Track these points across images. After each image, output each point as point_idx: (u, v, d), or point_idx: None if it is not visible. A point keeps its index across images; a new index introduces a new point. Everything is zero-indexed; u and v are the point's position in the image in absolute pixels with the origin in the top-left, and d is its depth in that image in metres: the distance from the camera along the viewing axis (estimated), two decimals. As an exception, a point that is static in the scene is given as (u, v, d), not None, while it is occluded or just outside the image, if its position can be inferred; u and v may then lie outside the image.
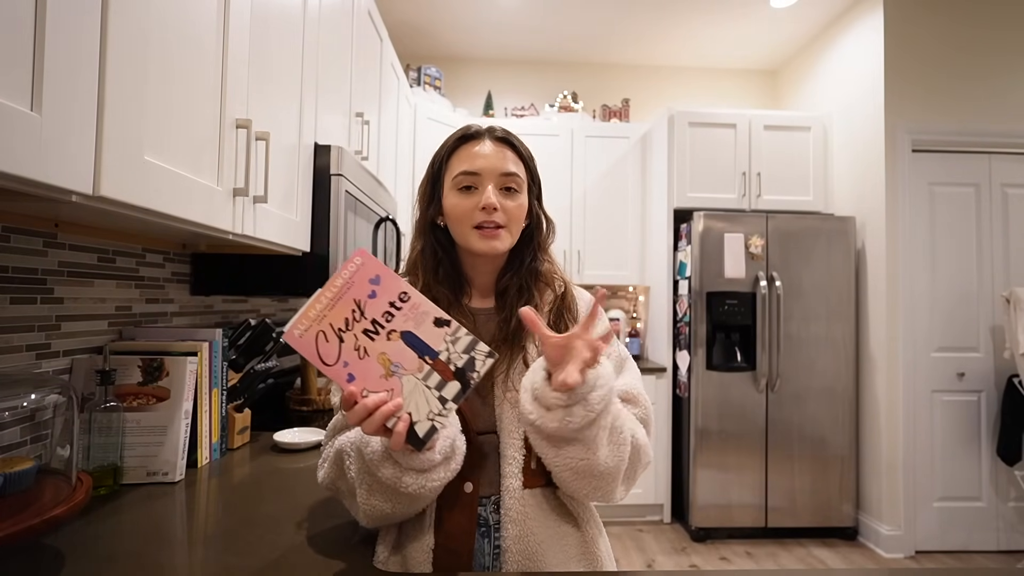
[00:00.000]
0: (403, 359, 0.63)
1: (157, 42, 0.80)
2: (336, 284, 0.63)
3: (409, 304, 0.64)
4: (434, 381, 0.63)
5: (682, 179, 3.05)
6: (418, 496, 0.67)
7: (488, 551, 0.75)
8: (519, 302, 0.80)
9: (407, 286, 0.64)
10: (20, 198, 0.69)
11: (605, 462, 0.69)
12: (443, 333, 0.64)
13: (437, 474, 0.67)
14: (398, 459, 0.65)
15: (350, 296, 0.63)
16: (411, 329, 0.63)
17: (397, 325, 0.63)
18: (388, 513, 0.69)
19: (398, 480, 0.65)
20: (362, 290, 0.63)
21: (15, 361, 0.94)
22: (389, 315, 0.63)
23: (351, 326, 0.62)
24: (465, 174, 0.79)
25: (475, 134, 0.82)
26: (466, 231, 0.79)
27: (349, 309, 0.62)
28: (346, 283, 0.63)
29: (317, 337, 0.61)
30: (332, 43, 1.65)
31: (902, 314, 2.70)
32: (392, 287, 0.63)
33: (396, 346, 0.63)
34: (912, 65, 2.75)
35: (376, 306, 0.63)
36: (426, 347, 0.63)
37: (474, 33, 3.39)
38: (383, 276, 0.63)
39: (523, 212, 0.81)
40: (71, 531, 0.81)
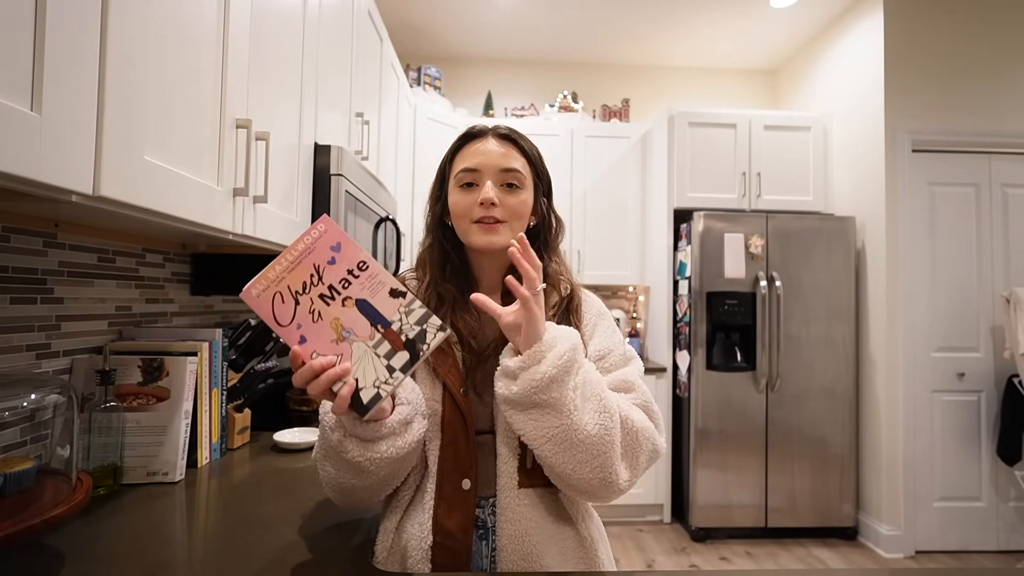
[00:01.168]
0: (355, 326, 0.64)
1: (157, 42, 0.80)
2: (298, 248, 0.64)
3: (367, 273, 0.65)
4: (384, 350, 0.64)
5: (682, 179, 3.05)
6: (360, 467, 0.67)
7: (486, 553, 0.75)
8: None
9: (367, 256, 0.65)
10: (20, 198, 0.69)
11: (586, 428, 0.66)
12: (398, 304, 0.65)
13: (380, 447, 0.66)
14: (344, 424, 0.66)
15: (310, 261, 0.64)
16: (366, 297, 0.64)
17: (353, 292, 0.64)
18: (338, 481, 0.70)
19: (341, 445, 0.66)
20: (322, 256, 0.64)
21: (15, 361, 0.94)
22: (346, 282, 0.64)
23: (308, 289, 0.63)
24: (466, 171, 0.79)
25: (479, 132, 0.83)
26: (466, 226, 0.79)
27: (308, 273, 0.63)
28: (307, 248, 0.64)
29: (274, 298, 0.63)
30: (332, 43, 1.65)
31: (902, 314, 2.70)
32: (351, 255, 0.65)
33: (350, 313, 0.64)
34: (912, 65, 2.75)
35: (334, 272, 0.64)
36: (379, 316, 0.64)
37: (474, 33, 3.39)
38: (344, 244, 0.65)
39: (525, 208, 0.81)
40: (71, 531, 0.81)
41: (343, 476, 0.70)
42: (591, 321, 0.84)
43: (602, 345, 0.81)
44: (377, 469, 0.68)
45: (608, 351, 0.80)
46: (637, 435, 0.72)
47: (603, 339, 0.82)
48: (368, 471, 0.68)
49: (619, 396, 0.75)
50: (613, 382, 0.77)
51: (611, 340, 0.82)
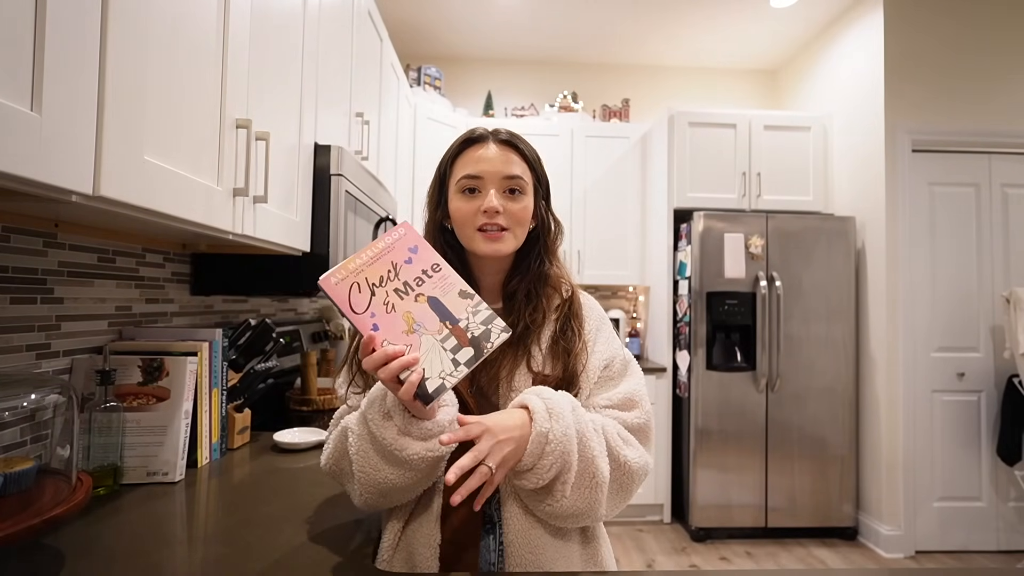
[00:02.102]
0: (426, 320, 0.67)
1: (157, 42, 0.79)
2: (378, 247, 0.69)
3: (440, 275, 0.70)
4: (450, 344, 0.67)
5: (682, 179, 3.05)
6: (411, 464, 0.67)
7: (494, 547, 0.76)
8: (527, 307, 0.81)
9: (441, 260, 0.71)
10: (20, 198, 0.69)
11: (573, 505, 0.71)
12: (466, 304, 0.69)
13: (433, 444, 0.67)
14: (398, 422, 0.66)
15: (388, 258, 0.69)
16: (438, 296, 0.69)
17: (426, 290, 0.69)
18: (383, 483, 0.69)
19: (395, 441, 0.66)
20: (400, 255, 0.69)
21: (15, 361, 0.94)
22: (420, 280, 0.69)
23: (384, 283, 0.67)
24: (468, 178, 0.80)
25: (479, 137, 0.82)
26: (470, 234, 0.80)
27: (385, 269, 0.68)
28: (388, 246, 0.69)
29: (351, 287, 0.66)
30: (332, 43, 1.65)
31: (902, 314, 2.70)
32: (427, 258, 0.70)
33: (422, 308, 0.68)
34: (912, 65, 2.75)
35: (410, 271, 0.69)
36: (448, 313, 0.68)
37: (474, 33, 3.39)
38: (421, 247, 0.70)
39: (527, 214, 0.82)
40: (71, 531, 0.81)
41: (385, 475, 0.69)
42: (593, 327, 0.85)
43: (606, 354, 0.83)
44: (426, 466, 0.69)
45: (611, 359, 0.83)
46: (632, 477, 0.76)
47: (605, 347, 0.84)
48: (417, 468, 0.68)
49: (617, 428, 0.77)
50: (619, 399, 0.80)
51: (613, 347, 0.85)
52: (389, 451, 0.67)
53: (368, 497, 0.73)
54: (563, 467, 0.69)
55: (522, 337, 0.80)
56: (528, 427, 0.68)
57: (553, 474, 0.68)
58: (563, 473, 0.69)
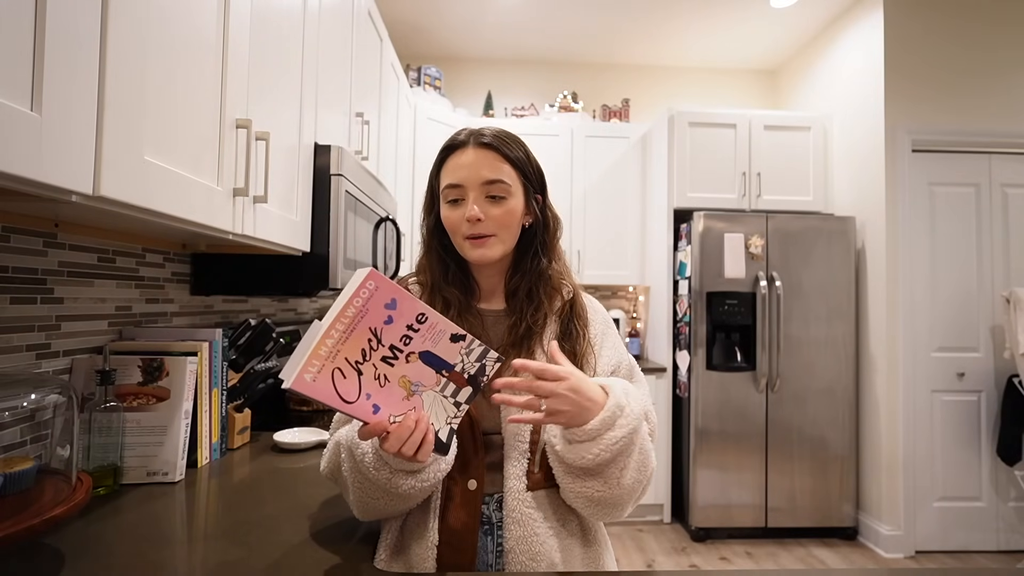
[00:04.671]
0: (422, 377, 0.63)
1: (157, 42, 0.79)
2: (348, 315, 0.57)
3: (427, 325, 0.62)
4: (450, 390, 0.65)
5: (682, 179, 3.04)
6: (409, 496, 0.70)
7: (491, 548, 0.76)
8: (528, 307, 0.81)
9: (423, 306, 0.62)
10: (20, 198, 0.69)
11: (622, 495, 0.71)
12: (459, 347, 0.64)
13: (428, 474, 0.69)
14: (389, 462, 0.67)
15: (365, 325, 0.58)
16: (429, 348, 0.63)
17: (415, 347, 0.62)
18: (382, 509, 0.72)
19: (389, 481, 0.67)
20: (377, 317, 0.59)
21: (15, 361, 0.94)
22: (407, 338, 0.61)
23: (368, 356, 0.59)
24: (450, 187, 0.80)
25: (459, 143, 0.81)
26: (459, 241, 0.81)
27: (365, 339, 0.58)
28: (359, 311, 0.58)
29: (333, 376, 0.56)
30: (332, 43, 1.65)
31: (902, 314, 2.70)
32: (409, 309, 0.61)
33: (415, 367, 0.62)
34: (912, 65, 2.75)
35: (393, 331, 0.60)
36: (443, 362, 0.64)
37: (474, 33, 3.39)
38: (399, 299, 0.60)
39: (512, 218, 0.80)
40: (71, 531, 0.81)
41: (391, 505, 0.71)
42: (599, 331, 0.85)
43: (613, 359, 0.84)
44: (425, 492, 0.71)
45: (618, 364, 0.84)
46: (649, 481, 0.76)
47: (612, 351, 0.84)
48: (416, 496, 0.71)
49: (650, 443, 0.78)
50: None
51: (619, 351, 0.85)
52: (385, 489, 0.68)
53: (367, 514, 0.75)
54: (627, 446, 0.68)
55: (525, 338, 0.79)
56: (603, 399, 0.68)
57: (617, 450, 0.67)
58: (625, 451, 0.68)
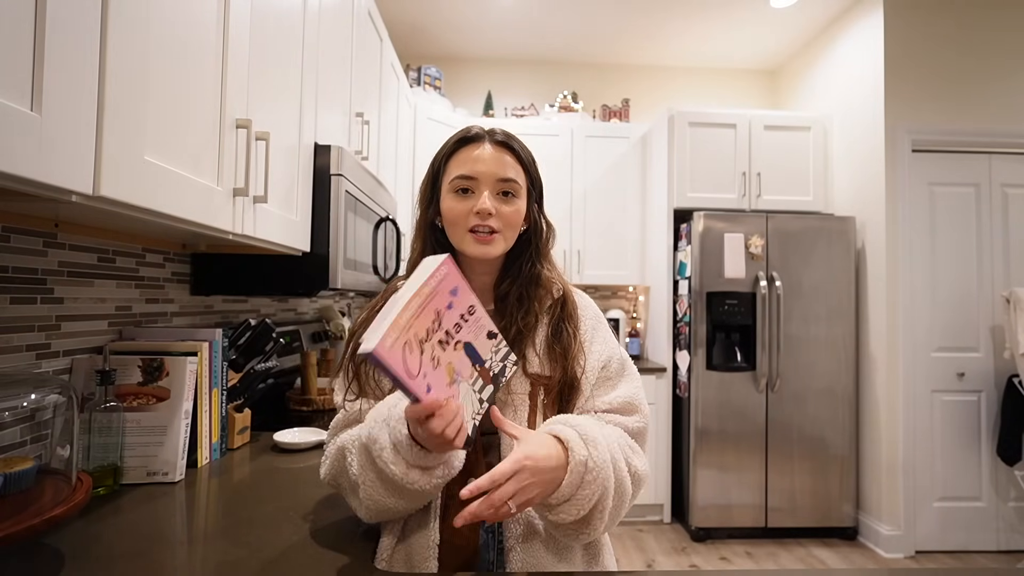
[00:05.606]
0: (462, 368, 0.64)
1: (157, 42, 0.80)
2: (424, 292, 0.59)
3: (474, 317, 0.66)
4: (478, 385, 0.66)
5: (682, 179, 3.04)
6: (422, 492, 0.69)
7: (492, 546, 0.76)
8: (518, 310, 0.80)
9: (475, 299, 0.66)
10: (20, 198, 0.69)
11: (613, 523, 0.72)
12: (491, 344, 0.68)
13: (441, 471, 0.69)
14: (406, 456, 0.66)
15: (433, 307, 0.60)
16: (471, 340, 0.65)
17: (462, 336, 0.64)
18: (391, 508, 0.71)
19: (405, 476, 0.66)
20: (443, 300, 0.62)
21: (15, 361, 0.94)
22: (458, 327, 0.63)
23: (430, 336, 0.60)
24: (462, 178, 0.79)
25: (475, 137, 0.81)
26: (461, 234, 0.79)
27: (431, 320, 0.60)
28: (432, 292, 0.60)
29: (404, 348, 0.57)
30: (332, 43, 1.65)
31: (902, 314, 2.70)
32: (465, 300, 0.64)
33: (459, 356, 0.64)
34: (912, 65, 2.75)
35: (450, 317, 0.63)
36: (478, 356, 0.66)
37: (474, 33, 3.39)
38: (460, 289, 0.64)
39: (519, 217, 0.81)
40: (71, 531, 0.81)
41: (401, 503, 0.70)
42: (589, 326, 0.85)
43: (603, 354, 0.83)
44: (436, 491, 0.70)
45: (608, 358, 0.83)
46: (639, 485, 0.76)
47: (602, 346, 0.84)
48: (429, 494, 0.70)
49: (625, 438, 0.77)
50: (619, 404, 0.80)
51: (609, 347, 0.84)
52: (398, 485, 0.67)
53: (373, 515, 0.74)
54: (602, 494, 0.67)
55: (516, 341, 0.79)
56: (563, 458, 0.66)
57: (592, 503, 0.67)
58: (602, 500, 0.67)
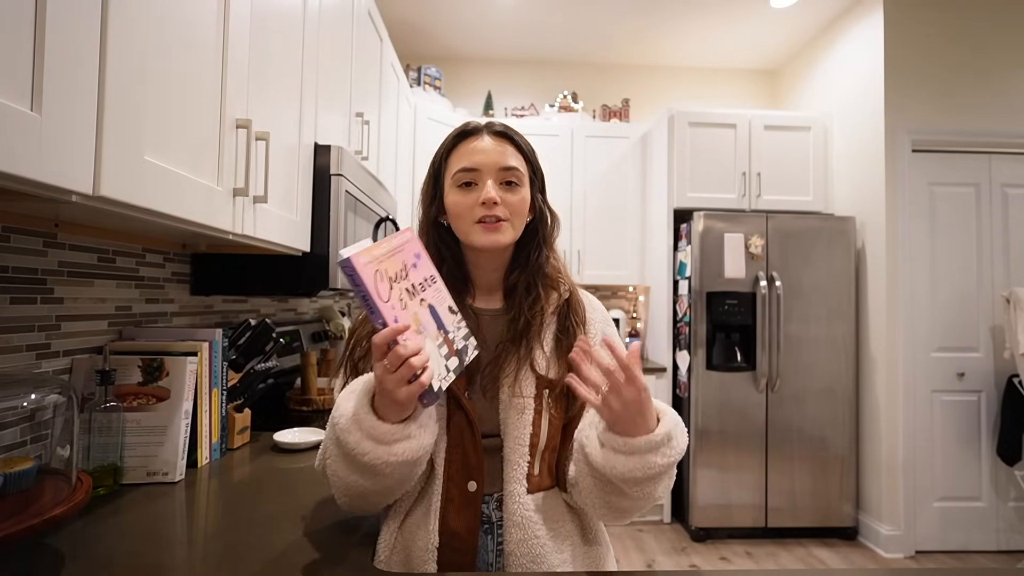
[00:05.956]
0: (428, 324, 0.69)
1: (157, 42, 0.79)
2: (392, 242, 0.68)
3: (435, 287, 0.73)
4: (444, 351, 0.70)
5: (682, 179, 3.04)
6: (375, 469, 0.65)
7: (491, 548, 0.75)
8: (527, 300, 0.80)
9: (436, 272, 0.74)
10: (20, 198, 0.69)
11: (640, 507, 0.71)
12: (453, 319, 0.74)
13: (396, 449, 0.65)
14: (364, 426, 0.64)
15: (400, 258, 0.68)
16: (435, 305, 0.71)
17: (427, 296, 0.71)
18: (348, 484, 0.68)
19: (359, 446, 0.64)
20: (408, 258, 0.70)
21: (15, 361, 0.94)
22: (423, 286, 0.71)
23: (398, 280, 0.67)
24: (464, 171, 0.79)
25: (473, 130, 0.82)
26: (468, 227, 0.79)
27: (399, 266, 0.68)
28: (399, 246, 0.69)
29: (376, 273, 0.64)
30: (332, 43, 1.65)
31: (902, 314, 2.70)
32: (425, 269, 0.72)
33: (424, 312, 0.69)
34: (912, 65, 2.75)
35: (416, 275, 0.70)
36: (442, 323, 0.71)
37: (474, 33, 3.39)
38: (423, 256, 0.72)
39: (525, 205, 0.81)
40: (71, 531, 0.81)
41: (355, 479, 0.67)
42: (599, 329, 0.85)
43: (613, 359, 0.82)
44: (392, 472, 0.66)
45: None
46: None
47: None
48: (383, 473, 0.66)
49: None
50: None
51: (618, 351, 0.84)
52: (352, 455, 0.65)
53: (344, 500, 0.71)
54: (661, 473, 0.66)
55: (523, 334, 0.79)
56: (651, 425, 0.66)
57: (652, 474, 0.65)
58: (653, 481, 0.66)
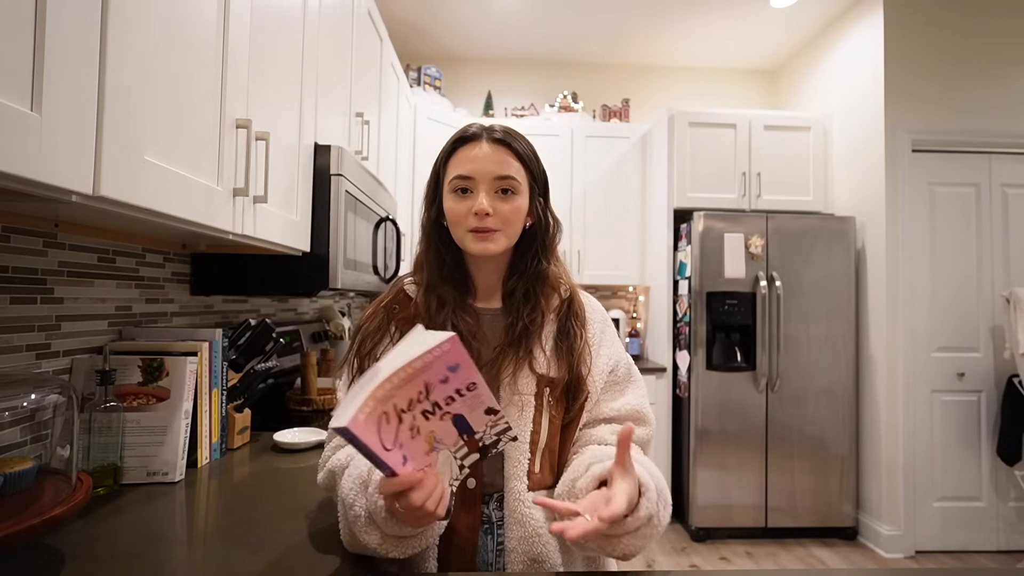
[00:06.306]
0: (446, 436, 0.64)
1: (157, 42, 0.79)
2: (415, 366, 0.60)
3: (473, 393, 0.64)
4: (461, 453, 0.65)
5: (682, 179, 3.04)
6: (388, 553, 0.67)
7: (492, 547, 0.76)
8: (525, 307, 0.80)
9: (478, 376, 0.63)
10: (20, 198, 0.69)
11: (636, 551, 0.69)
12: (488, 420, 0.65)
13: (414, 542, 0.67)
14: (383, 527, 0.65)
15: (422, 379, 0.60)
16: (464, 413, 0.64)
17: (454, 408, 0.63)
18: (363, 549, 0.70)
19: (380, 546, 0.66)
20: (437, 374, 0.61)
21: (15, 361, 0.94)
22: (450, 400, 0.63)
23: (412, 407, 0.60)
24: (459, 178, 0.79)
25: (472, 136, 0.81)
26: (461, 233, 0.80)
27: (416, 391, 0.60)
28: (425, 365, 0.60)
29: (380, 420, 0.57)
30: (332, 43, 1.65)
31: (902, 314, 2.70)
32: (465, 377, 0.62)
33: (445, 425, 0.63)
34: (912, 65, 2.75)
35: (443, 390, 0.62)
36: (469, 428, 0.65)
37: (474, 33, 3.39)
38: (463, 366, 0.62)
39: (519, 214, 0.80)
40: (71, 531, 0.81)
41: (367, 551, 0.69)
42: (598, 329, 0.85)
43: (611, 358, 0.84)
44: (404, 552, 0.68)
45: (616, 363, 0.84)
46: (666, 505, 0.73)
47: (610, 350, 0.85)
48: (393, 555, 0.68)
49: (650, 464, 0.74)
50: (627, 413, 0.81)
51: (617, 351, 0.85)
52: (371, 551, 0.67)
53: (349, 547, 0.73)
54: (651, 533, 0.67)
55: (522, 337, 0.79)
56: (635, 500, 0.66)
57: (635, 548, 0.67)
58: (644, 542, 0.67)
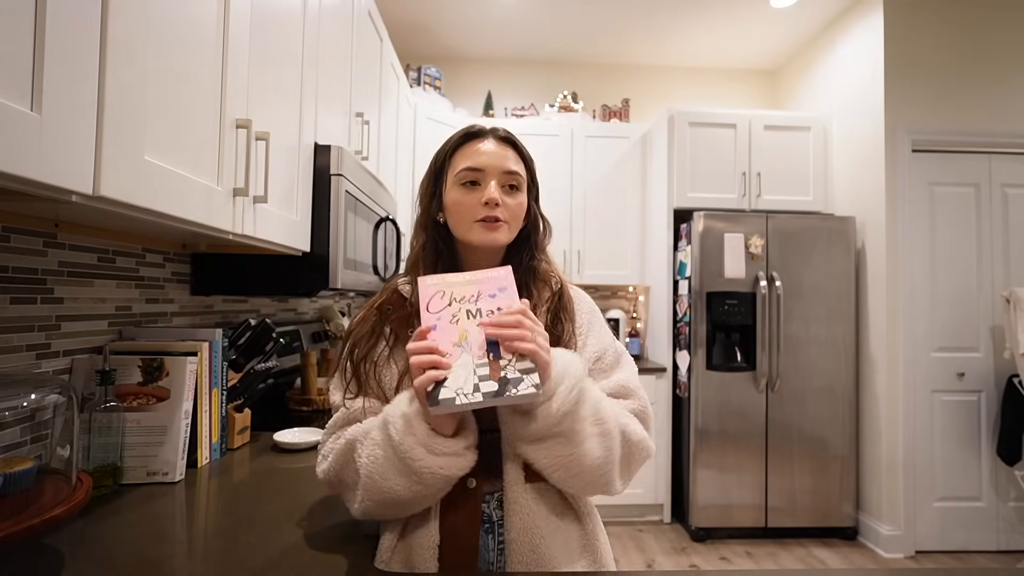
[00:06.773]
0: (475, 343, 0.71)
1: (157, 42, 0.80)
2: (478, 276, 0.76)
3: None
4: (482, 372, 0.69)
5: (682, 179, 3.04)
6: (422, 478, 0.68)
7: (492, 547, 0.76)
8: None
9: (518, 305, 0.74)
10: (20, 198, 0.69)
11: (592, 453, 0.71)
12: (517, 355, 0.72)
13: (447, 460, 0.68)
14: (419, 433, 0.67)
15: (477, 287, 0.75)
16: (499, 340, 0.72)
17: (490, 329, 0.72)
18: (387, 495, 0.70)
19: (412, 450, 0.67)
20: (488, 287, 0.76)
21: (15, 361, 0.94)
22: (492, 313, 0.73)
23: (463, 301, 0.74)
24: (469, 170, 0.81)
25: (479, 132, 0.84)
26: (467, 225, 0.81)
27: (471, 292, 0.75)
28: (485, 278, 0.76)
29: (437, 293, 0.74)
30: (332, 43, 1.65)
31: (902, 314, 2.70)
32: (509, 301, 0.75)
33: (478, 333, 0.71)
34: (912, 65, 2.75)
35: (489, 303, 0.74)
36: (497, 349, 0.70)
37: (474, 33, 3.39)
38: (509, 290, 0.76)
39: (522, 210, 0.84)
40: (71, 531, 0.81)
41: (393, 484, 0.69)
42: (585, 320, 0.86)
43: (598, 345, 0.85)
44: (435, 482, 0.69)
45: (603, 350, 0.85)
46: (633, 448, 0.77)
47: (597, 338, 0.85)
48: (426, 483, 0.69)
49: (618, 407, 0.78)
50: (613, 388, 0.81)
51: (605, 339, 0.86)
52: (404, 459, 0.67)
53: (369, 505, 0.72)
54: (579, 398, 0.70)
55: None
56: None
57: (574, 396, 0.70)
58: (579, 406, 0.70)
